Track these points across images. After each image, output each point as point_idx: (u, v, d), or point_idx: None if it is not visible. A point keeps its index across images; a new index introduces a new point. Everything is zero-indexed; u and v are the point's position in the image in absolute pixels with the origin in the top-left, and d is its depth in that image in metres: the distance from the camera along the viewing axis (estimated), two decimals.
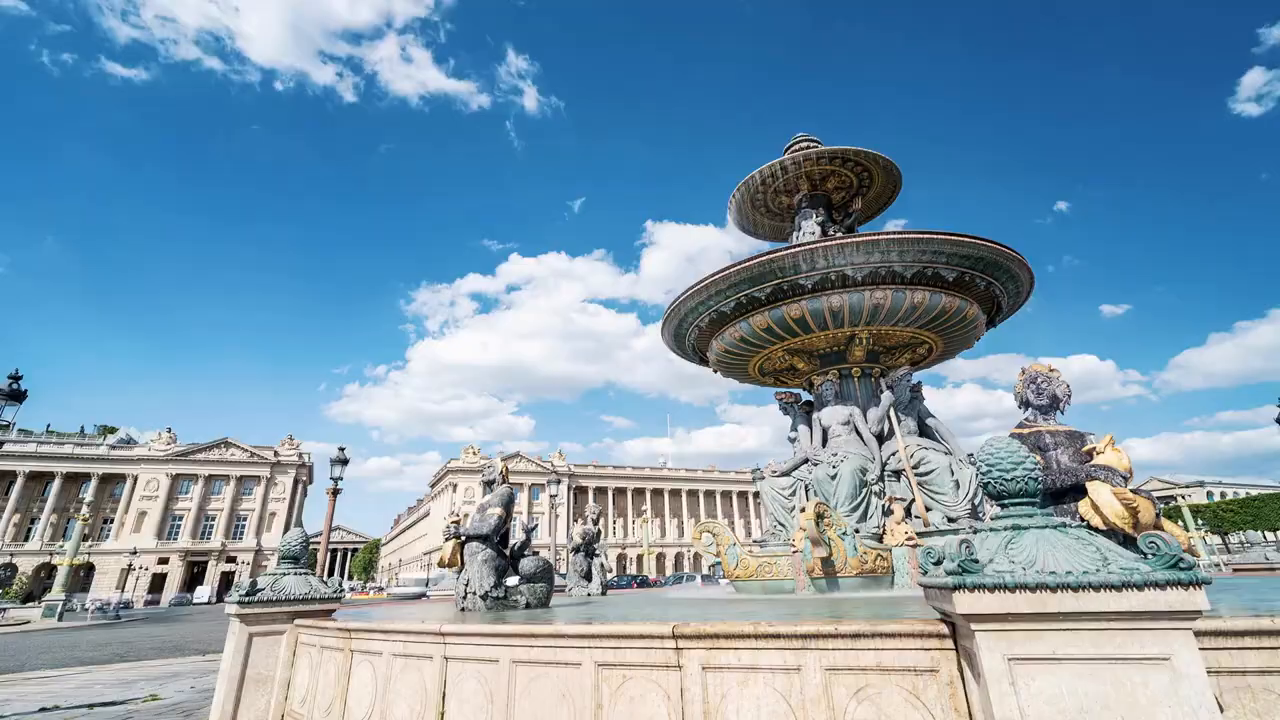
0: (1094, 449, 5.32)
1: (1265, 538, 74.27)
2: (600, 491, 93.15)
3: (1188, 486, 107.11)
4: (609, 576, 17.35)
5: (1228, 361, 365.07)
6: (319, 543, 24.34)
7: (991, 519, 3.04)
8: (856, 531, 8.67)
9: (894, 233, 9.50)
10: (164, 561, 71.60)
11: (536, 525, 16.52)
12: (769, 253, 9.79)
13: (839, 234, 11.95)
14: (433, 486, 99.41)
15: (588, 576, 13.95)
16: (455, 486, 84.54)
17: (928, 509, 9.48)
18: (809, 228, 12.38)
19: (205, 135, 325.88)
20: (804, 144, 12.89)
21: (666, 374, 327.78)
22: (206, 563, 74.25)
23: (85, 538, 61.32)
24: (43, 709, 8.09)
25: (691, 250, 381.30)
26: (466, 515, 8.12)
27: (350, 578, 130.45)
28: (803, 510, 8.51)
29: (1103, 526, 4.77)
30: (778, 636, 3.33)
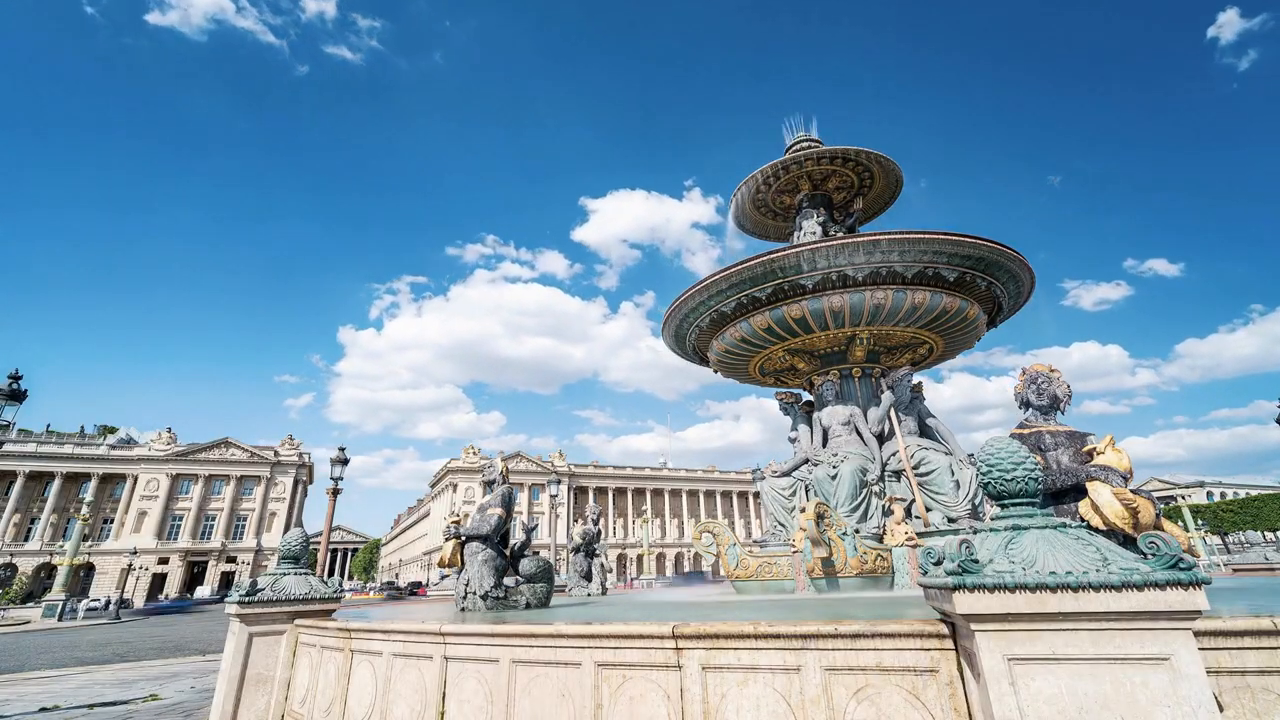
0: (1094, 449, 5.32)
1: (1265, 538, 74.28)
2: (600, 491, 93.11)
3: (1188, 487, 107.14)
4: (609, 577, 17.36)
5: (1238, 349, 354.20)
6: (319, 543, 24.35)
7: (991, 519, 3.04)
8: (857, 532, 8.67)
9: (895, 233, 9.49)
10: (164, 561, 71.58)
11: (536, 525, 16.50)
12: (770, 253, 9.79)
13: (840, 234, 11.96)
14: (433, 486, 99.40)
15: (588, 576, 13.95)
16: (455, 486, 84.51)
17: (928, 509, 9.48)
18: (810, 227, 12.38)
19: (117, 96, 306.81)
20: (805, 144, 12.90)
21: (640, 366, 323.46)
22: (207, 563, 74.23)
23: (85, 538, 61.33)
24: (43, 709, 8.09)
25: (655, 221, 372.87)
26: (466, 515, 8.12)
27: (350, 578, 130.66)
28: (803, 510, 8.52)
29: (1103, 527, 4.77)
30: (778, 636, 3.33)
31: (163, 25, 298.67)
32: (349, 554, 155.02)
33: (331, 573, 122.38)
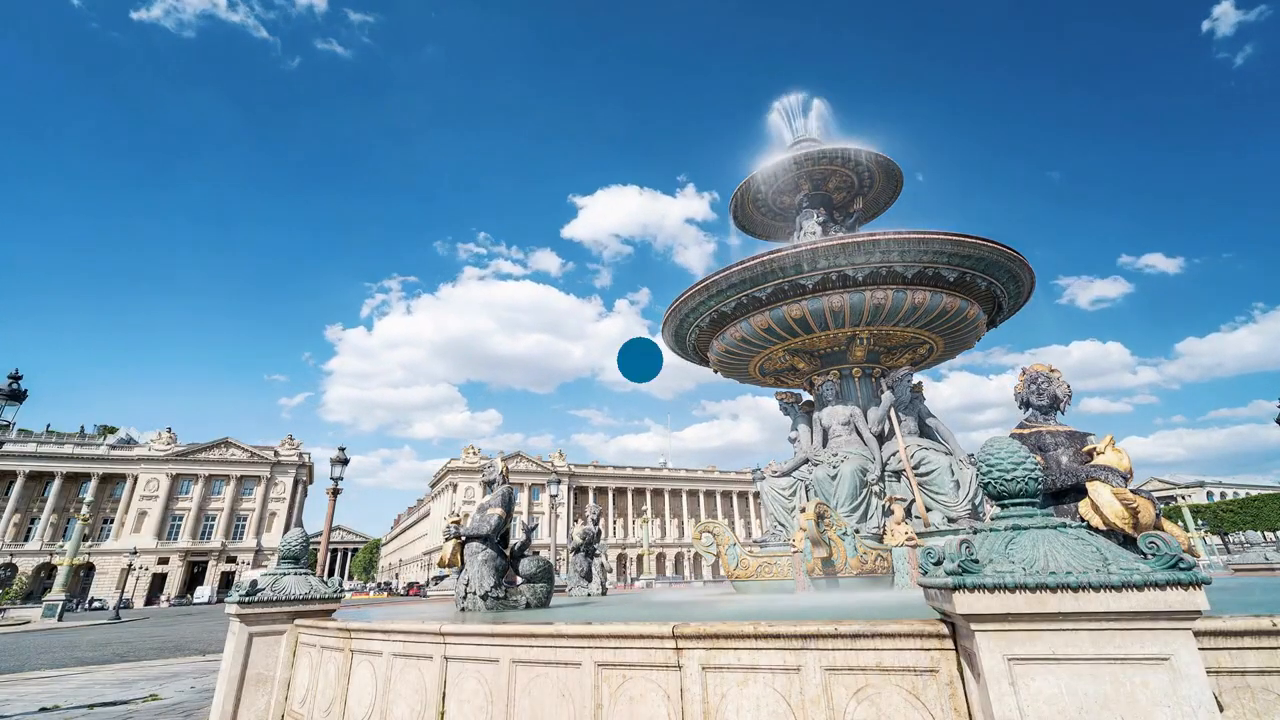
0: (1094, 449, 5.32)
1: (1265, 538, 74.27)
2: (600, 491, 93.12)
3: (1188, 487, 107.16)
4: (609, 577, 17.37)
5: (1240, 347, 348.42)
6: (319, 543, 24.35)
7: (991, 519, 3.04)
8: (857, 532, 8.67)
9: (895, 232, 9.49)
10: (164, 561, 71.59)
11: (536, 525, 16.51)
12: (770, 253, 9.79)
13: (840, 234, 11.96)
14: (432, 486, 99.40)
15: (588, 577, 13.95)
16: (455, 486, 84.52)
17: (928, 509, 9.48)
18: (810, 227, 12.39)
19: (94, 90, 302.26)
20: (805, 143, 12.90)
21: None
22: (206, 563, 74.22)
23: (85, 538, 61.34)
24: (43, 709, 8.09)
25: (648, 217, 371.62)
26: (466, 515, 8.13)
27: (350, 578, 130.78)
28: (803, 510, 8.52)
29: (1103, 527, 4.77)
30: (778, 636, 3.33)
31: (151, 21, 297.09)
32: (349, 554, 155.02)
33: (331, 573, 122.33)
